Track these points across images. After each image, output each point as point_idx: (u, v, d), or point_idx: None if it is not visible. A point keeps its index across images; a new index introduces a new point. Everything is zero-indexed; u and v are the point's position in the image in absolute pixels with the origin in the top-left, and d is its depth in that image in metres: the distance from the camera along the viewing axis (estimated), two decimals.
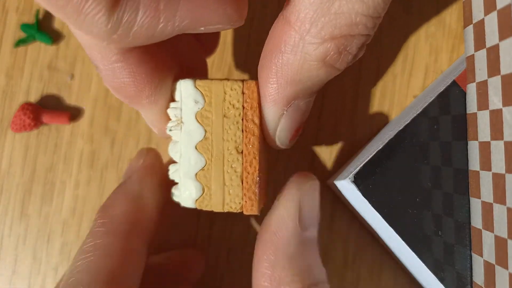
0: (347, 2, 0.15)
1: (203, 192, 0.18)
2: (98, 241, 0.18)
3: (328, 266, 0.26)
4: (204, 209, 0.19)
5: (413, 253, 0.22)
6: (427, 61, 0.27)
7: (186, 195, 0.19)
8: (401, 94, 0.27)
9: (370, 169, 0.22)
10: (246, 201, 0.18)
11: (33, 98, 0.27)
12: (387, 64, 0.27)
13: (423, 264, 0.21)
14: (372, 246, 0.26)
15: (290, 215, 0.18)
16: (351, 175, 0.21)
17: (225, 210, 0.18)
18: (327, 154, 0.27)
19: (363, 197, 0.21)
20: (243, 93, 0.18)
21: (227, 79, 0.18)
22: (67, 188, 0.27)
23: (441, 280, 0.21)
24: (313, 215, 0.19)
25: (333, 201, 0.27)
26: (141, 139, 0.27)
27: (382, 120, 0.27)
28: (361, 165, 0.22)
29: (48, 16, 0.28)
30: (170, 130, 0.19)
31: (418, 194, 0.22)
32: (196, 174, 0.18)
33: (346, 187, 0.22)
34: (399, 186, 0.22)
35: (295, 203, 0.19)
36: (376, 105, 0.27)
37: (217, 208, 0.18)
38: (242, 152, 0.18)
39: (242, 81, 0.18)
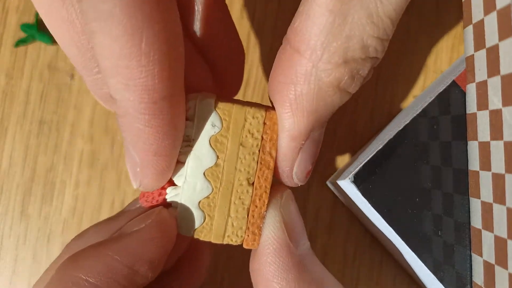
0: (358, 24, 0.15)
1: (204, 221, 0.17)
2: None
3: (328, 266, 0.27)
4: (202, 239, 0.18)
5: (413, 253, 0.22)
6: (427, 61, 0.27)
7: (184, 222, 0.17)
8: (401, 94, 0.27)
9: (370, 169, 0.22)
10: (248, 235, 0.17)
11: (33, 97, 0.27)
12: (387, 64, 0.27)
13: (423, 264, 0.22)
14: (372, 246, 0.26)
15: (279, 238, 0.17)
16: (351, 175, 0.21)
17: (225, 243, 0.18)
18: (327, 154, 0.27)
19: (363, 197, 0.22)
20: (264, 123, 0.17)
21: (250, 105, 0.17)
22: (67, 188, 0.27)
23: (441, 280, 0.21)
24: (298, 227, 0.18)
25: (333, 201, 0.27)
26: None
27: (382, 120, 0.27)
28: (361, 165, 0.22)
29: None
30: None
31: (418, 194, 0.22)
32: (199, 202, 0.17)
33: (346, 187, 0.22)
34: (399, 186, 0.22)
35: (279, 224, 0.18)
36: (376, 105, 0.27)
37: (217, 240, 0.17)
38: (253, 184, 0.17)
39: (265, 110, 0.17)
